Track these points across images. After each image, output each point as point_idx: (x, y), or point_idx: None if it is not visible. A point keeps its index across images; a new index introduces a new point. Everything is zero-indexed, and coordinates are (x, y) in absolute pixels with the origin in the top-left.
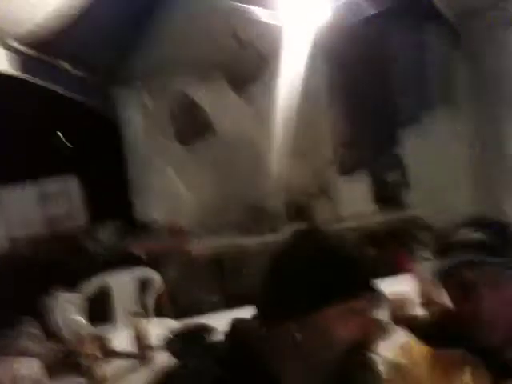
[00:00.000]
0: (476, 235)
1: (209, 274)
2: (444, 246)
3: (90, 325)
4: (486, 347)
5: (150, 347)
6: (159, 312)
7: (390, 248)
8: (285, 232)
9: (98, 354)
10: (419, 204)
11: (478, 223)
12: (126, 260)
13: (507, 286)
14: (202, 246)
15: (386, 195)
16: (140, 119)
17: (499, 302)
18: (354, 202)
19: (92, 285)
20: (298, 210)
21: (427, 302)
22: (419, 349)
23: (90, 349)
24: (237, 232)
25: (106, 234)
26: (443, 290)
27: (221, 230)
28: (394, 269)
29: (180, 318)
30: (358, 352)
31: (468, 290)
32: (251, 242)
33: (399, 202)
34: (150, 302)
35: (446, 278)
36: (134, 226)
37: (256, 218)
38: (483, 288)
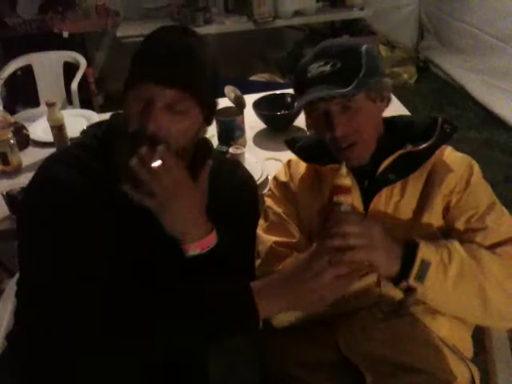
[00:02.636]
0: (327, 67)
1: None
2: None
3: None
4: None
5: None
6: (86, 97)
7: None
8: (221, 23)
9: (13, 140)
10: (364, 4)
11: (333, 54)
12: (49, 39)
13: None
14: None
15: None
16: None
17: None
18: None
19: (14, 64)
20: (238, 1)
21: None
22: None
23: (4, 134)
24: (169, 19)
25: (27, 8)
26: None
27: (153, 14)
28: None
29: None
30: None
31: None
32: None
33: (344, 1)
34: (75, 86)
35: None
36: (58, 1)
37: (193, 4)
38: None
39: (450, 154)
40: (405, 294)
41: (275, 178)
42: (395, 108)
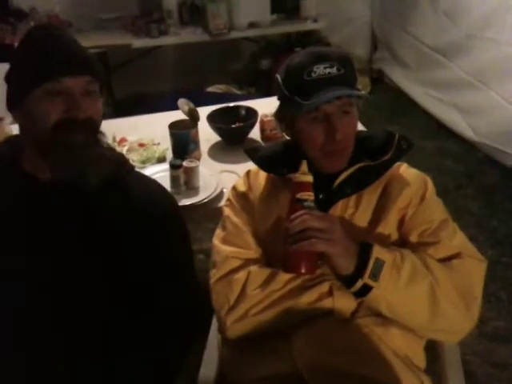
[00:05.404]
0: (334, 70)
1: None
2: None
3: None
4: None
5: None
6: None
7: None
8: (176, 35)
9: None
10: (318, 17)
11: (334, 59)
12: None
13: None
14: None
15: (286, 5)
16: None
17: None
18: (251, 11)
19: None
20: (193, 12)
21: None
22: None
23: None
24: (125, 31)
25: None
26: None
27: (106, 25)
28: None
29: None
30: (64, 130)
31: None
32: (140, 43)
33: (298, 14)
34: None
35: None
36: (9, 13)
37: (148, 15)
38: (337, 119)
39: (405, 169)
40: (357, 298)
41: (234, 188)
42: None
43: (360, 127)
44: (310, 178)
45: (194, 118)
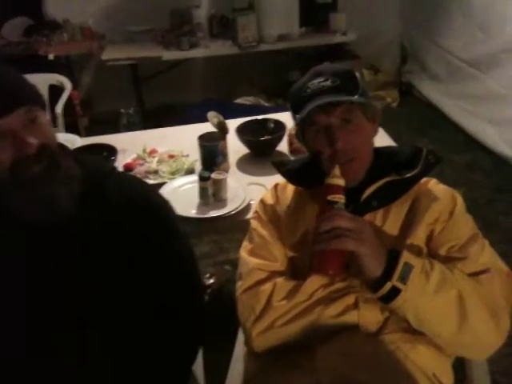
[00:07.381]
0: (327, 83)
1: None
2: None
3: None
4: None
5: None
6: (71, 120)
7: None
8: (206, 47)
9: None
10: (348, 29)
11: (330, 73)
12: (35, 61)
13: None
14: (116, 52)
15: (315, 18)
16: None
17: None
18: (280, 23)
19: None
20: (223, 25)
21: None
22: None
23: None
24: (156, 43)
25: (13, 31)
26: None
27: (137, 37)
28: None
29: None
30: (20, 168)
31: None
32: (170, 55)
33: (327, 26)
34: (60, 109)
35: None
36: (44, 24)
37: (178, 28)
38: (336, 129)
39: (434, 185)
40: (384, 304)
41: (262, 201)
42: (379, 134)
43: (388, 140)
44: (341, 182)
45: (223, 130)
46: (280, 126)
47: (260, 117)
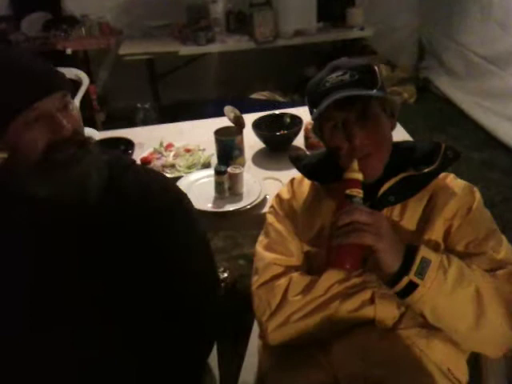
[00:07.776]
0: (346, 77)
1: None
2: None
3: None
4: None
5: None
6: (88, 114)
7: None
8: (222, 42)
9: None
10: (365, 24)
11: (349, 67)
12: (52, 56)
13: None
14: (133, 47)
15: (332, 13)
16: None
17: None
18: (297, 19)
19: None
20: (240, 20)
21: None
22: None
23: None
24: (173, 38)
25: (32, 26)
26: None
27: (155, 32)
28: None
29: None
30: (57, 150)
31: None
32: (186, 50)
33: (345, 21)
34: (77, 103)
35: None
36: (62, 20)
37: (195, 23)
38: (354, 124)
39: (452, 180)
40: (401, 299)
41: (278, 196)
42: (397, 129)
43: (406, 135)
44: (359, 176)
45: (239, 124)
46: (296, 120)
47: (277, 111)
